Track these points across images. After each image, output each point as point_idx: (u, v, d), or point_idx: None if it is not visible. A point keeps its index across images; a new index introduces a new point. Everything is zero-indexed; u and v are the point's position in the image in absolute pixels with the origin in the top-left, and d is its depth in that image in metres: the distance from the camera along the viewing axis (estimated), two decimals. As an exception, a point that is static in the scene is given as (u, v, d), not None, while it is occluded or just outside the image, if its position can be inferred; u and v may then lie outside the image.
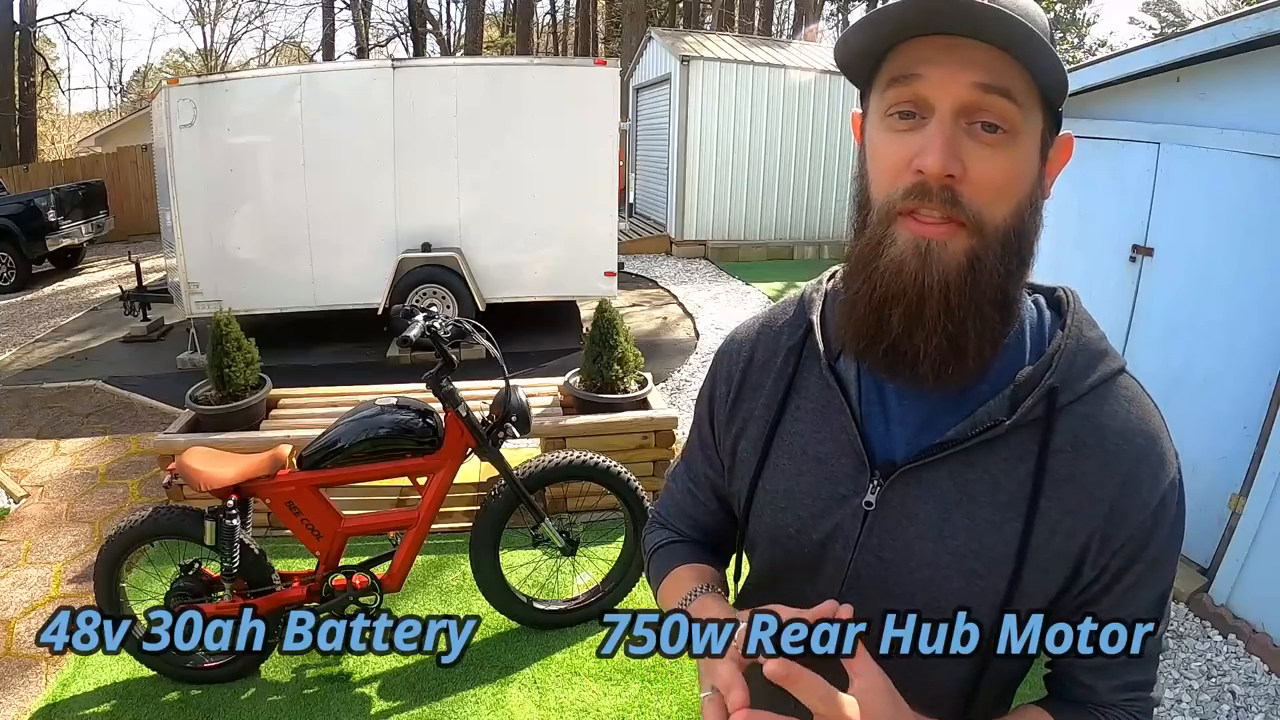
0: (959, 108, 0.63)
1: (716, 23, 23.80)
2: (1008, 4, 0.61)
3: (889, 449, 0.75)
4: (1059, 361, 0.70)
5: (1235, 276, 2.90)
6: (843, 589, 0.76)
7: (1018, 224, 0.66)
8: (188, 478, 2.33)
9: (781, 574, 0.83)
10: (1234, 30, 2.67)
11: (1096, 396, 0.70)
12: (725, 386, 0.88)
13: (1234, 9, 4.29)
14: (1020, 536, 0.69)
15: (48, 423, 5.05)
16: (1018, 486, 0.69)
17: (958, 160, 0.63)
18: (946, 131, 0.63)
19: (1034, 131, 0.66)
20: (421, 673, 2.63)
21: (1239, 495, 2.82)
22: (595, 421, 3.62)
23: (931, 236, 0.64)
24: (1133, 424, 0.70)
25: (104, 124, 19.71)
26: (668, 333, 7.29)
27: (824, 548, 0.77)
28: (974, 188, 0.64)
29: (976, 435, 0.69)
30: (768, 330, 0.86)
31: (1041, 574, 0.70)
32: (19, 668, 2.70)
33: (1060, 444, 0.69)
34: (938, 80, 0.63)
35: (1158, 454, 0.71)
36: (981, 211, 0.64)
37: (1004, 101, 0.63)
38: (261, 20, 33.74)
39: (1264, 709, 2.46)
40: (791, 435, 0.80)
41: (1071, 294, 0.76)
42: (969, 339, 0.66)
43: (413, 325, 2.43)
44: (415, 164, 6.31)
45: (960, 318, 0.65)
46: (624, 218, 12.10)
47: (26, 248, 9.50)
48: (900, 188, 0.65)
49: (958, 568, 0.71)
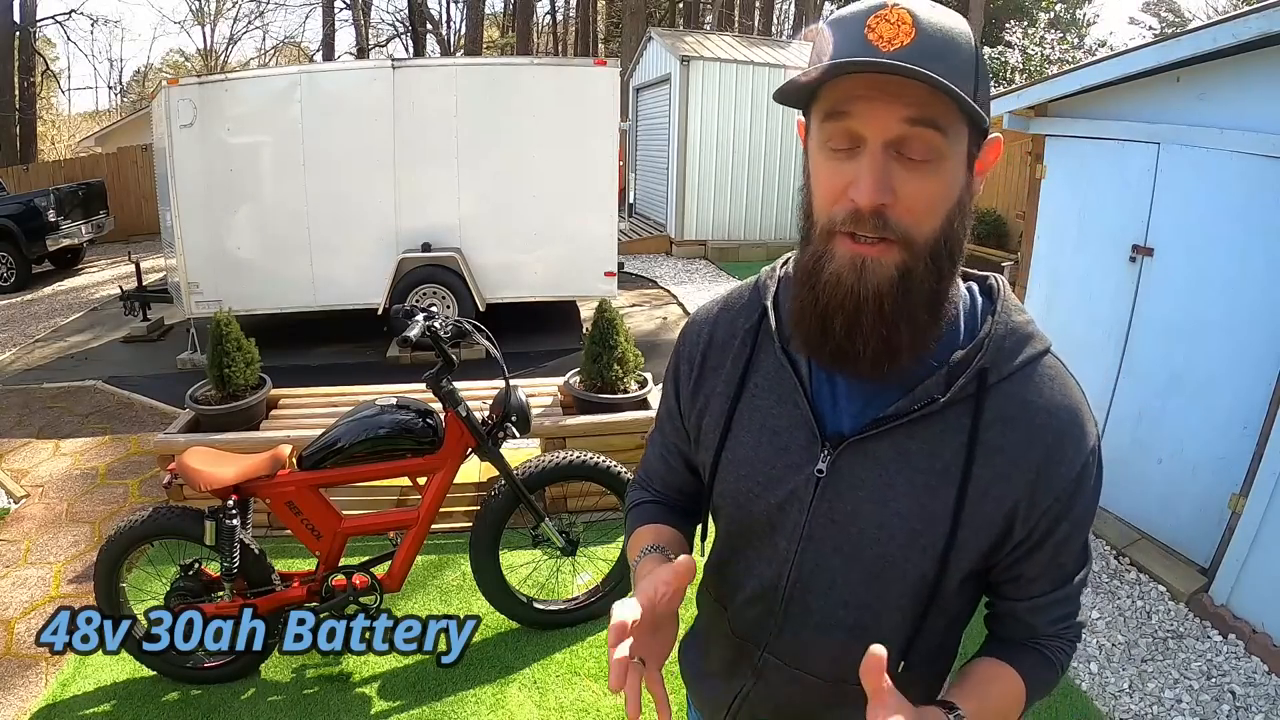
0: (888, 141, 0.69)
1: (716, 23, 23.80)
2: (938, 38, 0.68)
3: (838, 422, 0.83)
4: (989, 345, 0.79)
5: (1235, 276, 2.90)
6: (799, 546, 0.85)
7: (946, 232, 0.74)
8: (188, 478, 2.33)
9: (744, 533, 0.92)
10: (1234, 30, 2.67)
11: (1023, 375, 0.79)
12: (688, 365, 0.97)
13: (1234, 9, 4.29)
14: (955, 499, 0.78)
15: (48, 423, 5.05)
16: (953, 456, 0.78)
17: (888, 190, 0.70)
18: (877, 166, 0.70)
19: (960, 149, 0.72)
20: (421, 673, 2.63)
21: (1239, 495, 2.82)
22: (595, 421, 3.62)
23: (866, 254, 0.72)
24: (1056, 399, 0.79)
25: (104, 124, 19.73)
26: (668, 333, 7.29)
27: (781, 510, 0.86)
28: (902, 209, 0.70)
29: (916, 411, 0.78)
30: (726, 313, 0.96)
31: (975, 532, 0.79)
32: (19, 668, 2.70)
33: (990, 418, 0.78)
34: (868, 116, 0.70)
35: (1079, 425, 0.79)
36: (910, 229, 0.71)
37: (930, 132, 0.69)
38: (261, 20, 33.78)
39: (1264, 709, 2.46)
40: (751, 410, 0.89)
41: (1001, 281, 0.85)
42: (902, 339, 0.74)
43: (413, 325, 2.43)
44: (415, 164, 6.31)
45: (893, 322, 0.73)
46: (624, 218, 12.10)
47: (26, 248, 9.49)
48: (839, 212, 0.72)
49: (901, 527, 0.80)
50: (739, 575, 0.94)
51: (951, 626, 0.90)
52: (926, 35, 0.68)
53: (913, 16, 0.68)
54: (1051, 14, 20.76)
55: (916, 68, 0.65)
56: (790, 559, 0.86)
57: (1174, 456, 3.15)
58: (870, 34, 0.68)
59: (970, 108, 0.68)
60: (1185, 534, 3.13)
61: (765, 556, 0.89)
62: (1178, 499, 3.15)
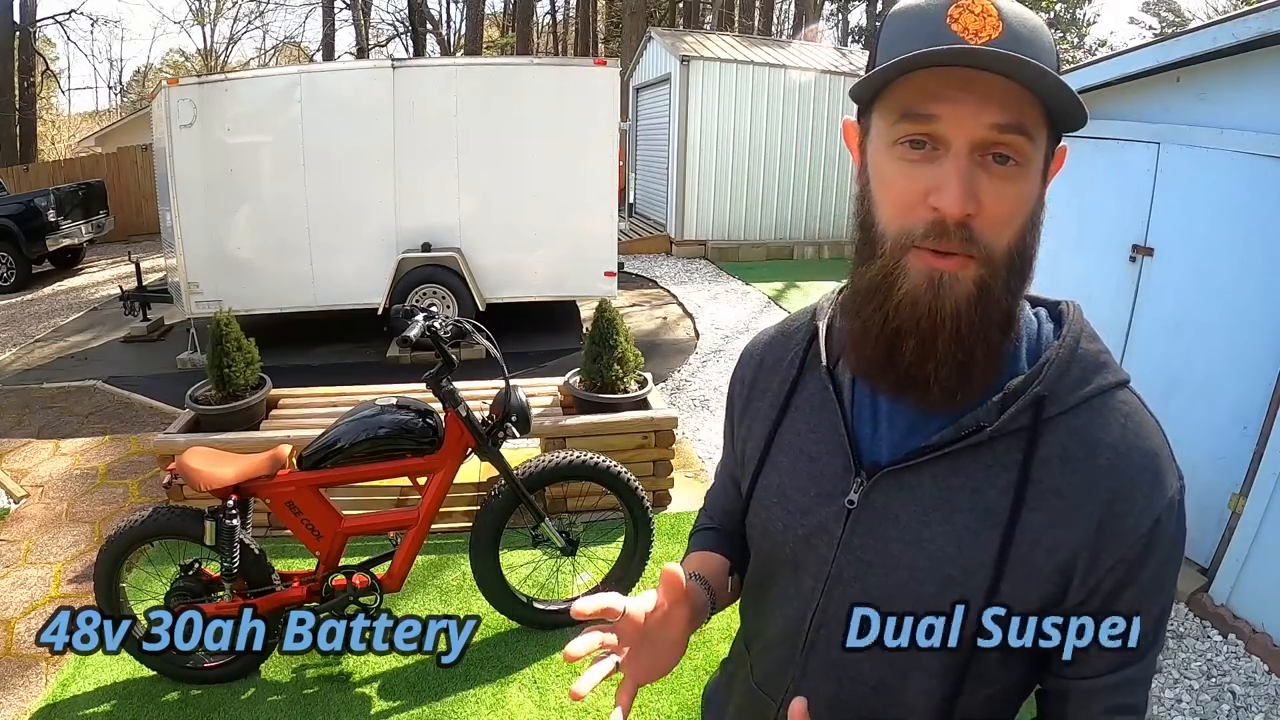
0: (975, 145, 0.63)
1: (716, 23, 23.80)
2: (1024, 31, 0.62)
3: (875, 450, 0.76)
4: (1048, 371, 0.69)
5: (1235, 276, 2.90)
6: (825, 587, 0.77)
7: (1021, 245, 0.67)
8: (188, 478, 2.33)
9: (771, 567, 0.85)
10: (1234, 30, 2.67)
11: (1089, 409, 0.69)
12: (740, 387, 0.92)
13: (1234, 9, 4.29)
14: (999, 545, 0.68)
15: (48, 423, 5.05)
16: (999, 495, 0.69)
17: (974, 198, 0.63)
18: (963, 171, 0.63)
19: (1040, 156, 0.66)
20: (421, 673, 2.63)
21: (1239, 495, 2.82)
22: (595, 421, 3.62)
23: (945, 269, 0.65)
24: (1128, 439, 0.69)
25: (104, 124, 19.73)
26: (668, 333, 7.29)
27: (809, 544, 0.78)
28: (986, 220, 0.64)
29: (960, 440, 0.70)
30: (780, 337, 0.91)
31: (1021, 586, 0.69)
32: (19, 668, 2.70)
33: (1047, 455, 0.68)
34: (954, 120, 0.63)
35: (1153, 472, 0.69)
36: (992, 243, 0.65)
37: (1019, 138, 0.63)
38: (261, 20, 33.72)
39: (1264, 709, 2.46)
40: (790, 435, 0.83)
41: (1074, 307, 0.75)
42: (977, 364, 0.67)
43: (413, 325, 2.43)
44: (415, 164, 6.31)
45: (970, 346, 0.66)
46: (624, 218, 12.09)
47: (26, 248, 9.49)
48: (918, 223, 0.65)
49: (934, 573, 0.71)
50: (764, 616, 0.87)
51: (998, 704, 0.77)
52: (1014, 28, 0.62)
53: (996, 8, 0.62)
54: (1051, 14, 20.75)
55: (1023, 57, 0.59)
56: (815, 600, 0.78)
57: (1174, 456, 3.14)
58: (954, 25, 0.62)
59: (1073, 104, 0.62)
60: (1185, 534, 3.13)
61: (788, 595, 0.82)
62: (1178, 499, 3.14)
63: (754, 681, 0.89)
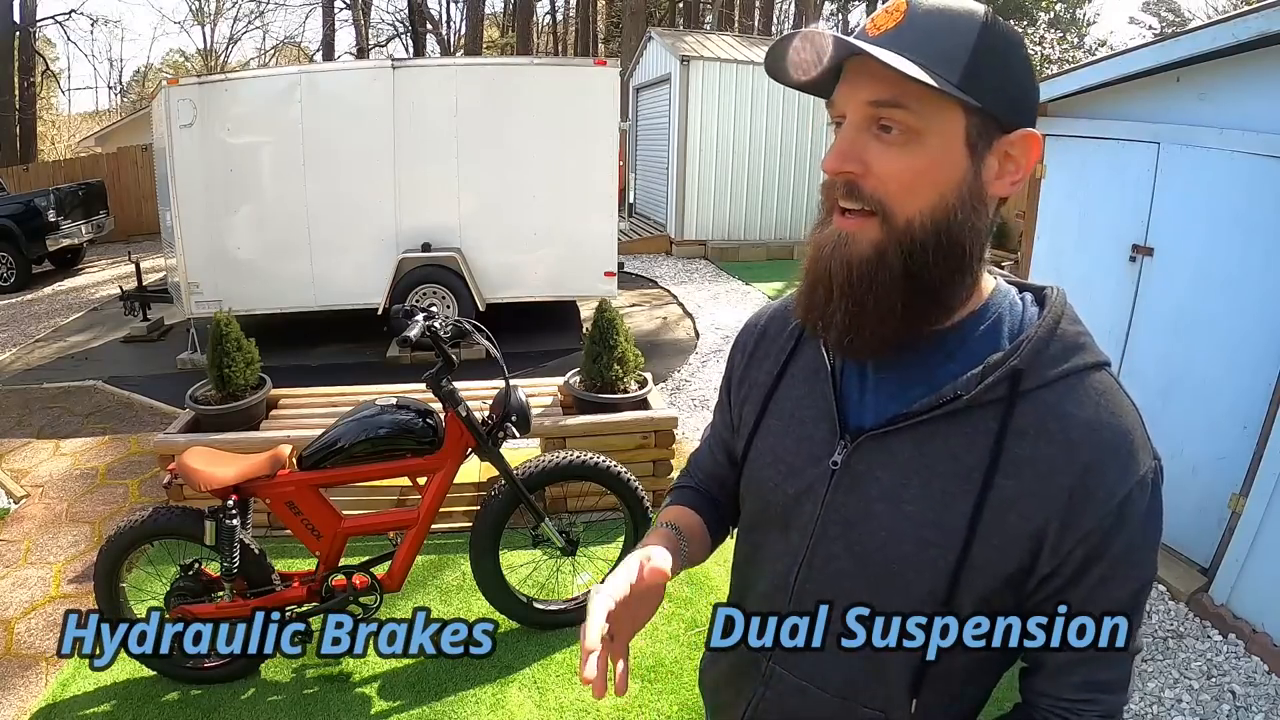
0: (861, 119, 0.72)
1: (716, 23, 23.79)
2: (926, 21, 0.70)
3: (861, 416, 0.82)
4: (1026, 347, 0.74)
5: (1235, 276, 2.90)
6: (810, 542, 0.83)
7: (943, 220, 0.72)
8: (188, 478, 2.33)
9: (761, 525, 0.91)
10: (1234, 30, 2.67)
11: (1066, 385, 0.73)
12: (740, 354, 0.98)
13: (1234, 9, 4.28)
14: (973, 508, 0.73)
15: (48, 423, 5.05)
16: (975, 461, 0.73)
17: (854, 159, 0.72)
18: (845, 138, 0.73)
19: (946, 131, 0.71)
20: (421, 673, 2.63)
21: (1239, 495, 2.82)
22: (595, 421, 3.62)
23: (846, 228, 0.74)
24: (1101, 417, 0.72)
25: (104, 124, 19.71)
26: (668, 333, 7.29)
27: (797, 503, 0.84)
28: (876, 180, 0.72)
29: (939, 407, 0.75)
30: (783, 310, 0.96)
31: (993, 550, 0.73)
32: (19, 668, 2.70)
33: (1022, 426, 0.73)
34: (842, 100, 0.74)
35: (1126, 449, 0.72)
36: (886, 201, 0.72)
37: (896, 110, 0.70)
38: (261, 20, 33.75)
39: (1264, 709, 2.46)
40: (784, 400, 0.89)
41: (1058, 291, 0.79)
42: (868, 314, 0.74)
43: (413, 325, 2.43)
44: (415, 164, 6.31)
45: (859, 296, 0.73)
46: (624, 218, 12.09)
47: (26, 248, 9.49)
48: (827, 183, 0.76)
49: (912, 533, 0.75)
50: (753, 572, 0.93)
51: (972, 673, 0.81)
52: (916, 21, 0.70)
53: (909, 5, 0.71)
54: (1051, 14, 20.75)
55: (866, 45, 0.68)
56: (801, 555, 0.84)
57: (1174, 456, 3.14)
58: (869, 22, 0.73)
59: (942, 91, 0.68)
60: (1185, 534, 3.13)
61: (778, 552, 0.88)
62: (1178, 499, 3.12)
63: None
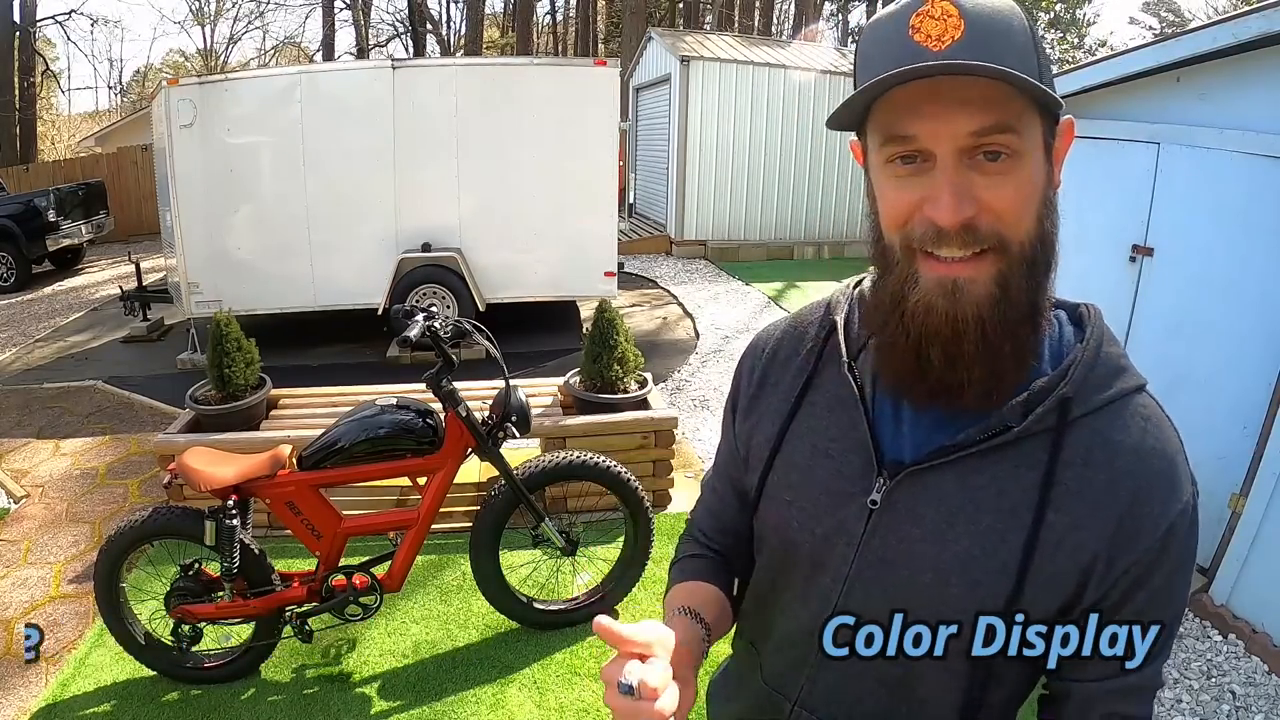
0: (960, 150, 0.63)
1: (716, 23, 23.79)
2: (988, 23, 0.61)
3: (898, 449, 0.74)
4: (1074, 372, 0.69)
5: (1235, 276, 2.90)
6: (844, 588, 0.76)
7: (1038, 230, 0.67)
8: (188, 478, 2.33)
9: (785, 568, 0.83)
10: (1234, 30, 2.67)
11: (1111, 412, 0.69)
12: (747, 381, 0.89)
13: (1234, 9, 4.29)
14: (1024, 547, 0.68)
15: (48, 423, 5.05)
16: (1024, 495, 0.68)
17: (969, 201, 0.63)
18: (953, 181, 0.63)
19: (1036, 141, 0.65)
20: (421, 673, 2.63)
21: (1239, 495, 2.82)
22: (595, 422, 3.62)
23: (957, 274, 0.65)
24: (1147, 443, 0.69)
25: (104, 124, 19.72)
26: (668, 333, 7.29)
27: (828, 544, 0.77)
28: (991, 216, 0.64)
29: (986, 440, 0.69)
30: (793, 330, 0.88)
31: (1043, 590, 0.68)
32: (19, 668, 2.70)
33: (1070, 456, 0.68)
34: (931, 134, 0.63)
35: (1171, 477, 0.69)
36: (1003, 233, 0.65)
37: (1003, 135, 0.63)
38: (261, 20, 33.73)
39: (1264, 709, 2.46)
40: (805, 430, 0.81)
41: (1094, 309, 0.75)
42: (1007, 362, 0.67)
43: (413, 325, 2.43)
44: (415, 164, 6.31)
45: (997, 345, 0.66)
46: (624, 218, 12.10)
47: (27, 248, 9.49)
48: (917, 230, 0.66)
49: (960, 574, 0.70)
50: (775, 616, 0.86)
51: (1007, 708, 0.77)
52: (977, 24, 0.61)
53: (958, 7, 0.61)
54: (1051, 14, 20.75)
55: (978, 63, 0.59)
56: (834, 600, 0.76)
57: (1174, 456, 3.14)
58: (915, 34, 0.62)
59: (1041, 94, 0.61)
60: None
61: (805, 596, 0.80)
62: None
63: (764, 680, 0.87)
